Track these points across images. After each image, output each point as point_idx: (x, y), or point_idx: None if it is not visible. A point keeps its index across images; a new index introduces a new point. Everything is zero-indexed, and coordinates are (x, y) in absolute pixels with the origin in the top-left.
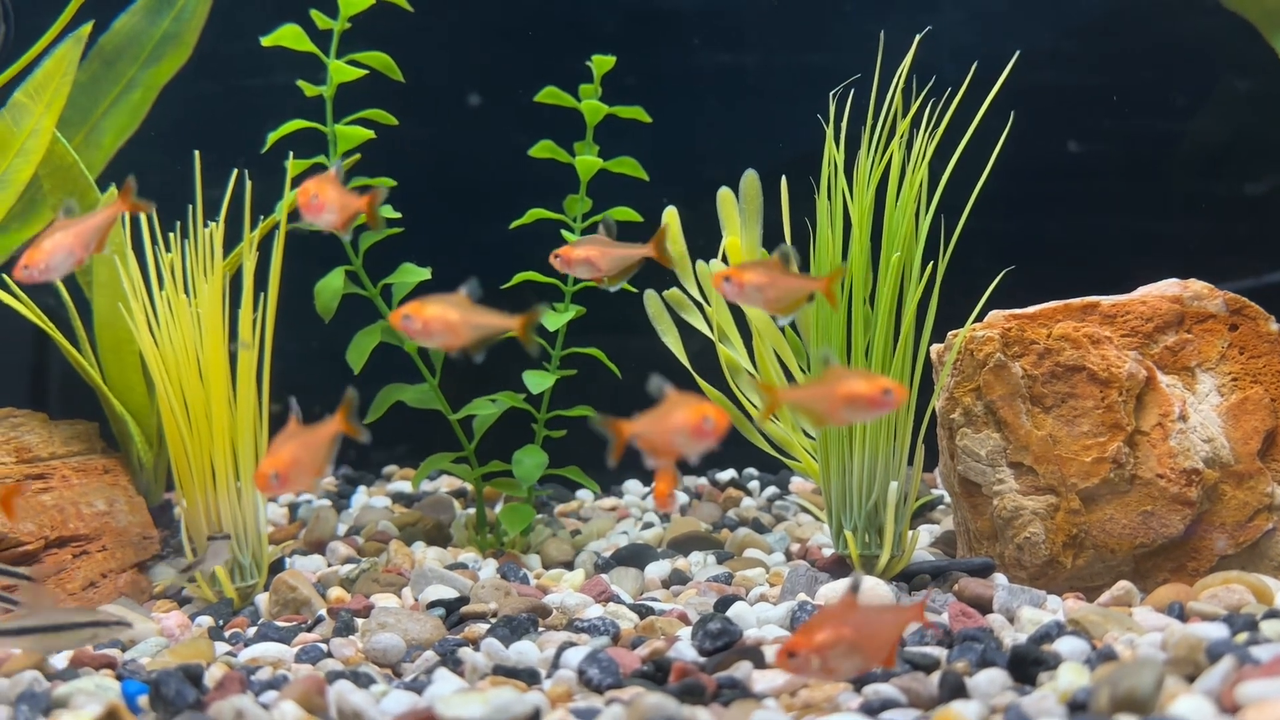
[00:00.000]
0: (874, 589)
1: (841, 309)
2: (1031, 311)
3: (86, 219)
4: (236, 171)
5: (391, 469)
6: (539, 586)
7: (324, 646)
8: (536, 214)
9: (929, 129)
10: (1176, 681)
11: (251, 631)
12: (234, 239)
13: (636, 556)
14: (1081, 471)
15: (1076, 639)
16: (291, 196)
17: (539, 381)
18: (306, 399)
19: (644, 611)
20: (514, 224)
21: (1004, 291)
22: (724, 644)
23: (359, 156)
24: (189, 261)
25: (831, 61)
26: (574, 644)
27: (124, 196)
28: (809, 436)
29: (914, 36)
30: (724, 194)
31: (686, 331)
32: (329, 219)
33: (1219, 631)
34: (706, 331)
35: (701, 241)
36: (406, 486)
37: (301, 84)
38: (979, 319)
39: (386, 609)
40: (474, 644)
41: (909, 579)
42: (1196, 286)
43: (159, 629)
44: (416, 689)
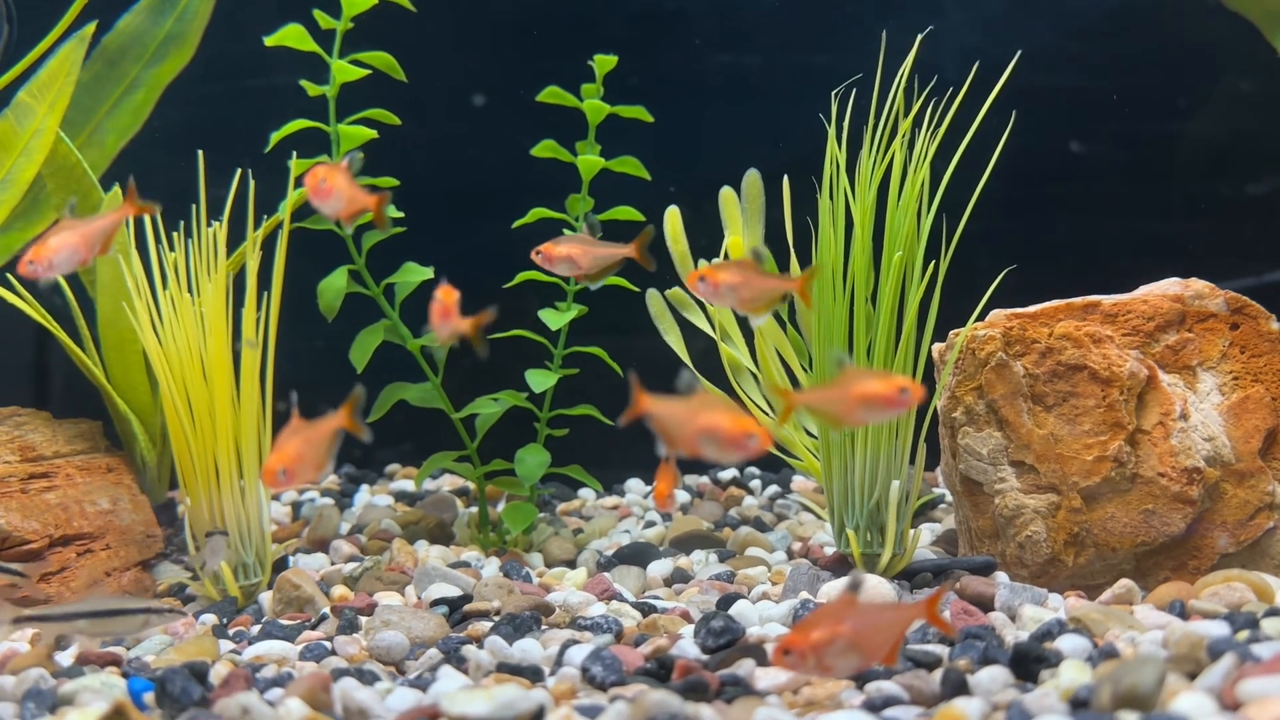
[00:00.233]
0: (876, 587)
1: (844, 308)
2: (1033, 311)
3: (93, 220)
4: (240, 171)
5: (394, 468)
6: (542, 585)
7: (328, 644)
8: (539, 213)
9: (931, 129)
10: (1178, 679)
11: (255, 629)
12: (237, 238)
13: (639, 555)
14: (1083, 470)
15: (1078, 637)
16: (295, 195)
17: (541, 380)
18: (310, 397)
19: (646, 609)
20: (516, 223)
21: (1005, 291)
22: (727, 641)
23: (363, 156)
24: (192, 260)
25: (833, 62)
26: (577, 642)
27: (130, 200)
28: (811, 435)
29: (916, 37)
30: (726, 193)
31: (689, 331)
32: (334, 207)
33: (1220, 629)
34: (709, 331)
35: (704, 241)
36: (409, 485)
37: (304, 84)
38: (981, 318)
39: (390, 607)
40: (477, 642)
41: (911, 577)
42: (1198, 286)
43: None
44: (421, 686)
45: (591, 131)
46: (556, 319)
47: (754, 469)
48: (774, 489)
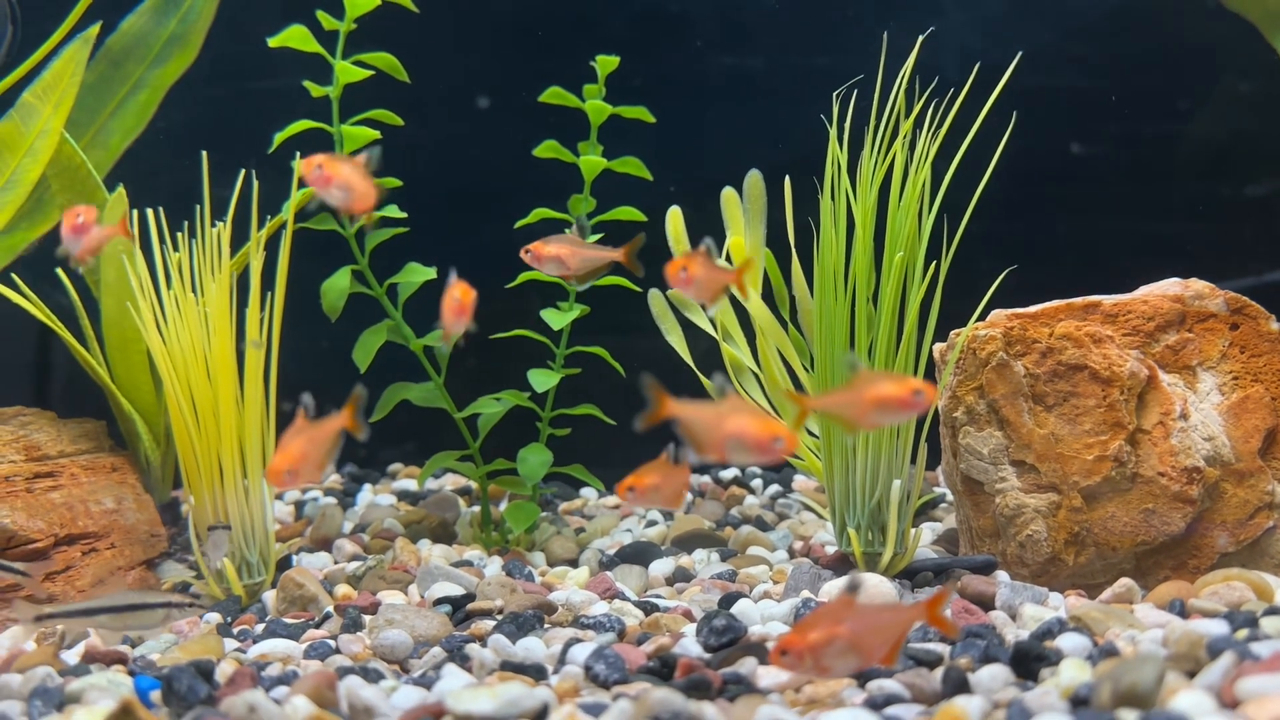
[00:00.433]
0: (877, 586)
1: (845, 308)
2: (1034, 311)
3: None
4: (243, 171)
5: (396, 467)
6: (544, 584)
7: (332, 643)
8: (541, 214)
9: (932, 130)
10: (1177, 677)
11: (260, 628)
12: (241, 238)
13: (641, 554)
14: (1083, 469)
15: (1078, 635)
16: (299, 195)
17: (543, 380)
18: (313, 397)
19: (649, 608)
20: (519, 223)
21: (1006, 291)
22: (729, 640)
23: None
24: (196, 261)
25: (835, 63)
26: (580, 640)
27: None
28: (812, 435)
29: (916, 38)
30: (728, 194)
31: (691, 331)
32: (339, 197)
33: (1219, 628)
34: (710, 330)
35: (706, 241)
36: (412, 484)
37: (308, 85)
38: (982, 318)
39: (393, 606)
40: (481, 640)
41: (912, 576)
42: (1198, 286)
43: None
44: (425, 684)
45: (593, 132)
46: (559, 319)
47: (755, 468)
48: (775, 488)
